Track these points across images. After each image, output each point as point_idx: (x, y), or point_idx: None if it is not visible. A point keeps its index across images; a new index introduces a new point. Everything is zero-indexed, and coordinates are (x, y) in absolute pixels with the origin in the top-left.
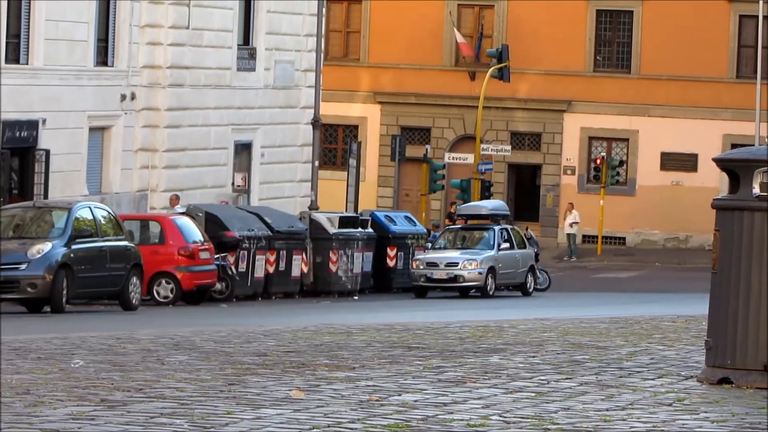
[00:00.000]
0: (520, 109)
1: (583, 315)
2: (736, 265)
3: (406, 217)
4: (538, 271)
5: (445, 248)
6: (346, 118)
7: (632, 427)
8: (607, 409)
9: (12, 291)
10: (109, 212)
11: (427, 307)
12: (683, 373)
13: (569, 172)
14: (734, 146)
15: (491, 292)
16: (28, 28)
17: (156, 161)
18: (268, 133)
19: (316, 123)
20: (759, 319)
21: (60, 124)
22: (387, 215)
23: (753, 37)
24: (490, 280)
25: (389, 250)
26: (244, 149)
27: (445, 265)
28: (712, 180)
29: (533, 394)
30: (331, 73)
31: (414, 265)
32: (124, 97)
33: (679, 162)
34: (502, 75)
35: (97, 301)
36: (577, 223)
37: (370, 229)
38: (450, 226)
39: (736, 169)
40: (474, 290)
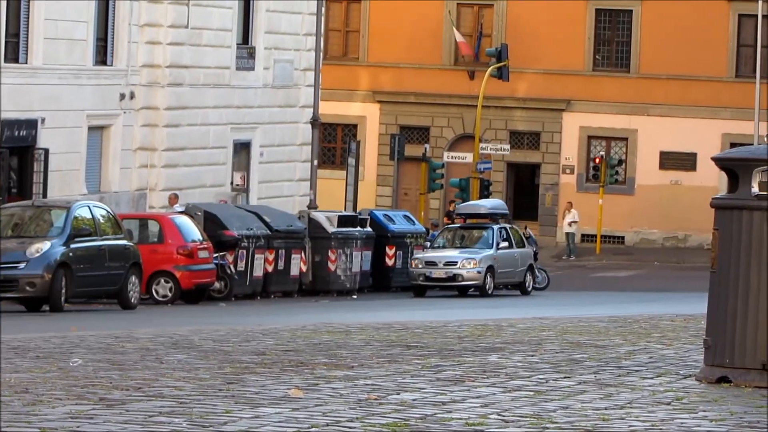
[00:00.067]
0: (519, 108)
1: (581, 314)
2: (735, 264)
3: (405, 216)
4: (536, 270)
5: (444, 247)
6: (345, 117)
7: (631, 426)
8: (606, 408)
9: (11, 290)
10: (108, 211)
11: (425, 306)
12: (682, 372)
13: (568, 171)
14: (733, 145)
15: (490, 291)
16: (28, 28)
17: (155, 160)
18: (267, 132)
19: (315, 122)
20: (758, 318)
21: (59, 123)
22: (386, 214)
23: (752, 36)
24: (488, 279)
25: (388, 249)
26: (243, 148)
27: (444, 264)
28: (711, 179)
29: (532, 393)
30: (330, 73)
31: (413, 264)
32: (123, 96)
33: (678, 161)
34: (501, 74)
35: (95, 300)
36: (576, 222)
37: (368, 228)
38: (449, 225)
39: (735, 169)
40: (473, 289)
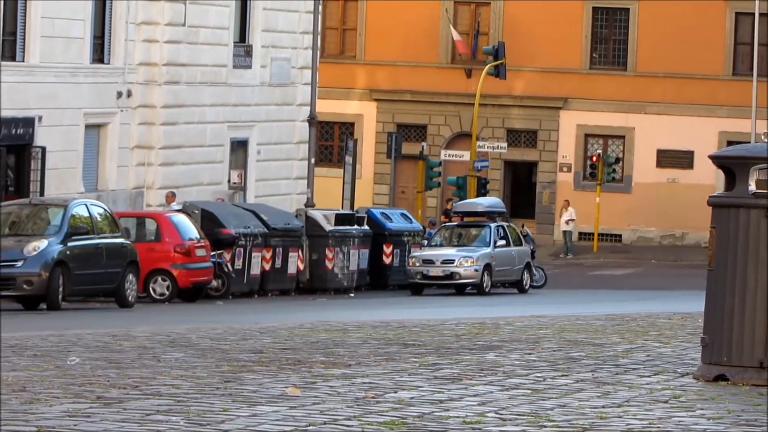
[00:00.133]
0: (516, 106)
1: (579, 312)
2: (732, 262)
3: (402, 215)
4: (534, 268)
5: (441, 245)
6: (343, 115)
7: (628, 424)
8: (603, 406)
9: (8, 288)
10: (105, 209)
11: (423, 304)
12: (679, 370)
13: (565, 169)
14: (730, 143)
15: (487, 289)
16: (24, 26)
17: (152, 158)
18: (264, 130)
19: (312, 120)
20: (755, 316)
21: (56, 121)
22: (383, 212)
23: (749, 34)
24: (486, 277)
25: (385, 247)
26: (240, 146)
27: (442, 263)
28: (708, 177)
29: (529, 391)
30: (327, 71)
31: (410, 262)
32: (120, 94)
33: (675, 159)
34: (499, 72)
35: (93, 299)
36: (573, 220)
37: (366, 227)
38: (446, 223)
39: (732, 167)
40: (470, 287)
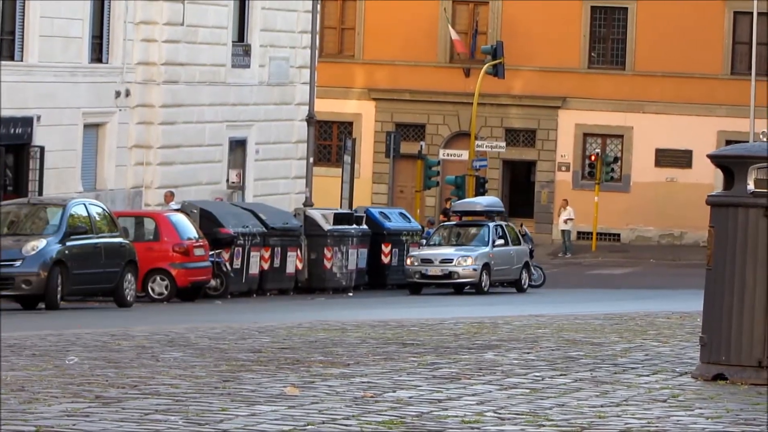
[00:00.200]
0: (514, 105)
1: (577, 311)
2: (731, 261)
3: (401, 214)
4: (532, 268)
5: (440, 245)
6: (341, 114)
7: (627, 424)
8: (602, 406)
9: (6, 288)
10: (103, 209)
11: (421, 304)
12: (678, 369)
13: (564, 168)
14: (729, 143)
15: (486, 289)
16: (23, 25)
17: (150, 158)
18: (262, 129)
19: (310, 120)
20: (753, 316)
21: (55, 120)
22: (382, 212)
23: (748, 33)
24: (484, 277)
25: (384, 246)
26: (238, 146)
27: (440, 262)
28: (707, 176)
29: (528, 391)
30: (325, 70)
31: (408, 261)
32: (118, 93)
33: (673, 158)
34: (497, 72)
35: (91, 298)
36: (571, 219)
37: (364, 226)
38: (445, 222)
39: (730, 166)
40: (469, 287)
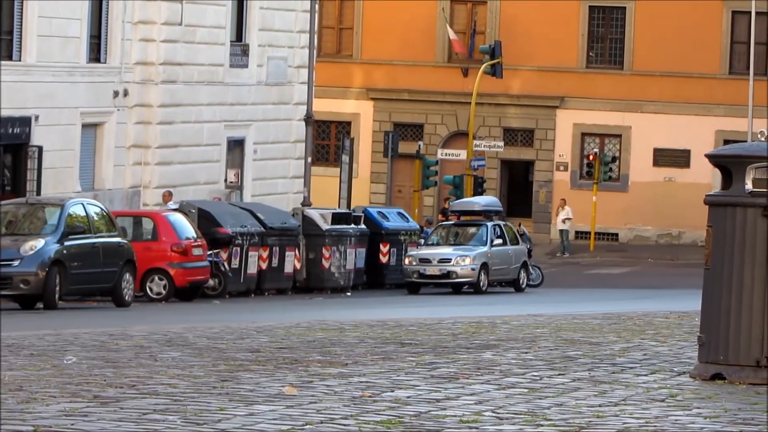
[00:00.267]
0: (512, 105)
1: (575, 311)
2: (729, 261)
3: (399, 214)
4: (530, 267)
5: (438, 244)
6: (339, 114)
7: (625, 423)
8: (600, 405)
9: (5, 287)
10: (101, 209)
11: (419, 303)
12: (676, 369)
13: (562, 168)
14: (727, 142)
15: (484, 288)
16: (21, 25)
17: (149, 158)
18: (260, 129)
19: (308, 119)
20: (751, 315)
21: (53, 120)
22: (380, 211)
23: (746, 33)
24: (482, 276)
25: (382, 246)
26: (236, 146)
27: (438, 261)
28: (705, 176)
29: (526, 390)
30: (323, 70)
31: (407, 261)
32: (116, 93)
33: (671, 158)
34: (495, 71)
35: (89, 298)
36: (569, 219)
37: (362, 226)
38: (443, 222)
39: (728, 165)
40: (467, 286)
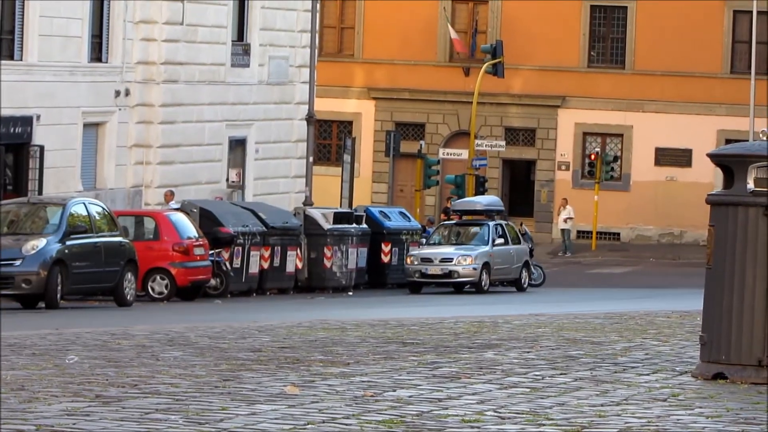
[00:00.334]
0: (514, 104)
1: (577, 310)
2: (731, 260)
3: (401, 213)
4: (532, 267)
5: (440, 244)
6: (341, 113)
7: (627, 423)
8: (602, 405)
9: (7, 287)
10: (103, 208)
11: (421, 303)
12: (678, 368)
13: (563, 167)
14: (728, 141)
15: (486, 288)
16: (22, 24)
17: (150, 157)
18: (262, 129)
19: (310, 119)
20: (753, 315)
21: (54, 120)
22: (381, 211)
23: (747, 32)
24: (484, 276)
25: (384, 245)
26: (238, 145)
27: (440, 261)
28: (707, 175)
29: (528, 390)
30: (325, 69)
31: (408, 260)
32: (118, 93)
33: (673, 157)
34: (497, 71)
35: (91, 297)
36: (571, 218)
37: (364, 225)
38: (445, 221)
39: (730, 165)
40: (468, 286)
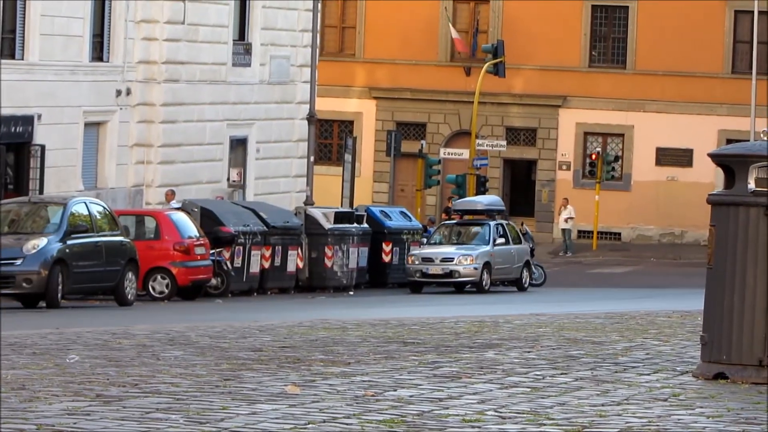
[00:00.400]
0: (515, 104)
1: (578, 310)
2: (732, 260)
3: (402, 213)
4: (533, 267)
5: (441, 244)
6: (342, 113)
7: (627, 423)
8: (603, 405)
9: (7, 286)
10: (104, 207)
11: (422, 303)
12: (679, 368)
13: (564, 167)
14: (729, 141)
15: (486, 288)
16: (24, 24)
17: (151, 156)
18: (263, 128)
19: (311, 118)
20: (754, 315)
21: (55, 119)
22: (382, 210)
23: (748, 32)
24: (485, 276)
25: (384, 245)
26: (239, 145)
27: (441, 261)
28: (708, 175)
29: (528, 390)
30: (326, 69)
31: (409, 260)
32: (119, 92)
33: (674, 157)
34: (498, 70)
35: (92, 297)
36: (572, 218)
37: (365, 225)
38: (446, 221)
39: (731, 165)
40: (469, 285)
